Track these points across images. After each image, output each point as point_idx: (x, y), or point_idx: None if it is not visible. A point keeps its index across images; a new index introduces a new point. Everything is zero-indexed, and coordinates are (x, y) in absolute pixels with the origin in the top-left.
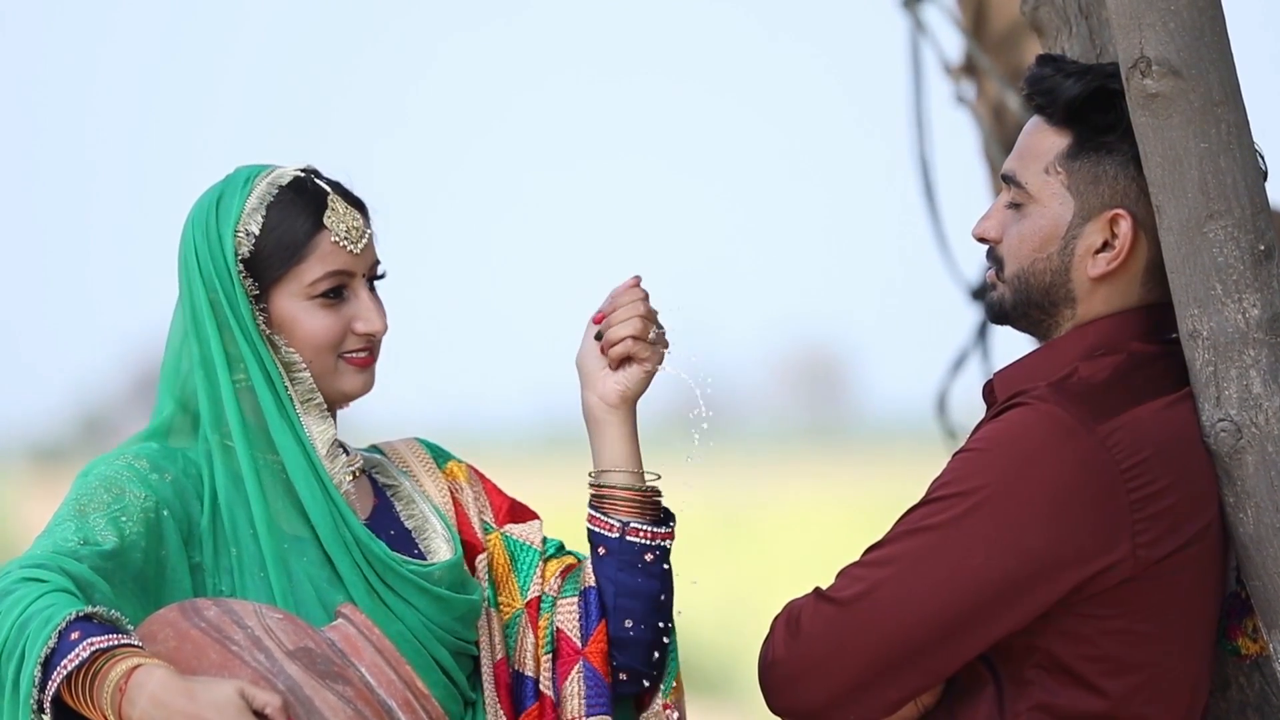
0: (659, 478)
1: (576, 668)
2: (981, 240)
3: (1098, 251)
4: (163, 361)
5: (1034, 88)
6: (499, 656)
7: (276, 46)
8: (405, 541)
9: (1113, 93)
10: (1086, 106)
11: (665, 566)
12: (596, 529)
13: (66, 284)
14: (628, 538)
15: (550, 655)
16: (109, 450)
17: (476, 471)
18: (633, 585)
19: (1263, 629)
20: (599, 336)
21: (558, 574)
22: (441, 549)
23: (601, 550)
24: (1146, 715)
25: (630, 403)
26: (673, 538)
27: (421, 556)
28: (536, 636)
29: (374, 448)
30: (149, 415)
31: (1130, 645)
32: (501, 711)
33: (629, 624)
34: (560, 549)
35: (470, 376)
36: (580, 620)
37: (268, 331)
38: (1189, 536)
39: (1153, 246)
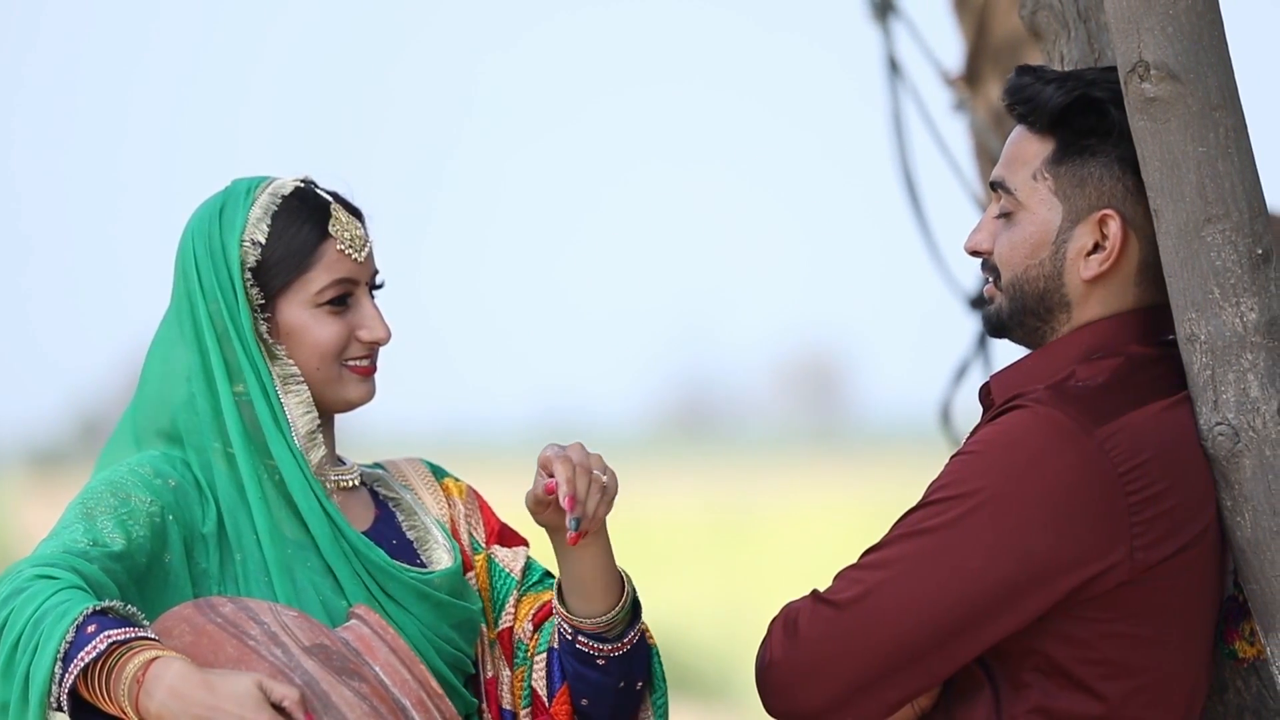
0: (631, 592)
1: None
2: (974, 254)
3: (1089, 253)
4: (145, 371)
5: (1014, 97)
6: (489, 675)
7: (303, 65)
8: (407, 551)
9: (1094, 99)
10: (1068, 112)
11: (624, 664)
12: (556, 618)
13: (67, 287)
14: (578, 646)
15: (529, 711)
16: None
17: (474, 491)
18: (587, 675)
19: (1260, 632)
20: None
21: (530, 615)
22: (443, 559)
23: (555, 641)
24: (1144, 719)
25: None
26: (633, 644)
27: (423, 566)
28: (513, 673)
29: (377, 464)
30: None
31: (1128, 649)
32: None
33: (585, 702)
34: (543, 578)
35: (472, 381)
36: (546, 680)
37: (271, 341)
38: (1187, 540)
39: (1145, 246)
